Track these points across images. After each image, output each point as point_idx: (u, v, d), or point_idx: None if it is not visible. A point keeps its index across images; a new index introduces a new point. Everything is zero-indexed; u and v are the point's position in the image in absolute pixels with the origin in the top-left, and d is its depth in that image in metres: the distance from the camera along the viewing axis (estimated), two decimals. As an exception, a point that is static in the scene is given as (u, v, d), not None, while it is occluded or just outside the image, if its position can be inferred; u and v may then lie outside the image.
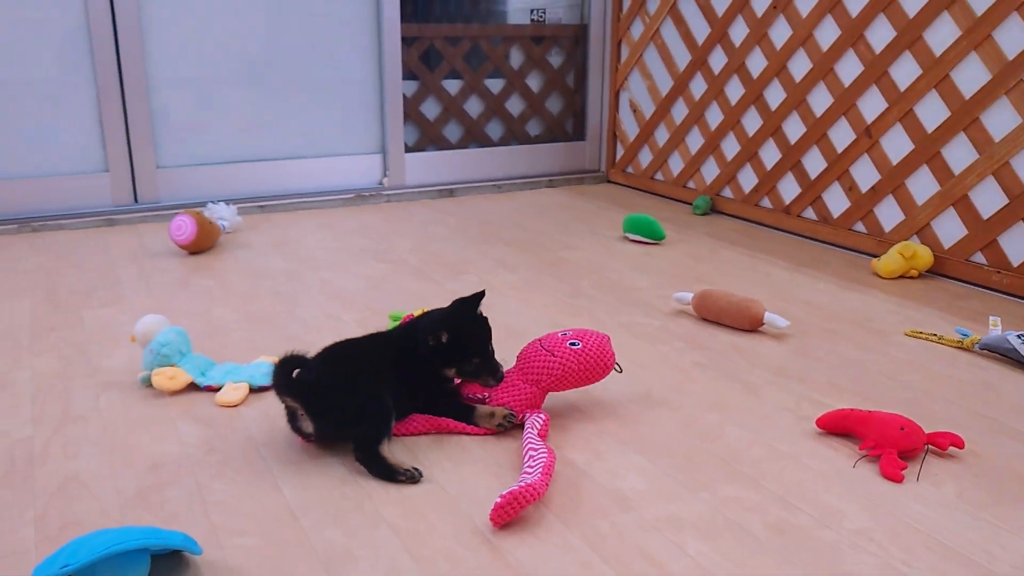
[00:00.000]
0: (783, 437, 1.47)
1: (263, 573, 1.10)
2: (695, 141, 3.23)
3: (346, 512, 1.24)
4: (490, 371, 1.51)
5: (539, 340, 1.55)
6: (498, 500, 1.20)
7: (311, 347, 1.43)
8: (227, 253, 2.61)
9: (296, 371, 1.36)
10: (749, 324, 1.95)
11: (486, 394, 1.52)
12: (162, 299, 2.16)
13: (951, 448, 1.42)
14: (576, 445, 1.44)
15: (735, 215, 3.09)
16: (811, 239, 2.79)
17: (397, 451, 1.41)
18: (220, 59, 3.08)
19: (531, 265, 2.48)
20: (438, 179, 3.47)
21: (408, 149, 3.41)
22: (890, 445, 1.38)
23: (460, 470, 1.36)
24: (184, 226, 2.53)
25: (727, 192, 3.13)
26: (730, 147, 3.08)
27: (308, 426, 1.38)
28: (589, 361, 1.52)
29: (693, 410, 1.57)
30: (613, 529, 1.20)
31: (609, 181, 3.74)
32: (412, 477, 1.34)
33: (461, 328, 1.48)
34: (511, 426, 1.47)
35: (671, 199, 3.38)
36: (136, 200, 3.01)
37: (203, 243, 2.58)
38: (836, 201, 2.71)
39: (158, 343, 1.63)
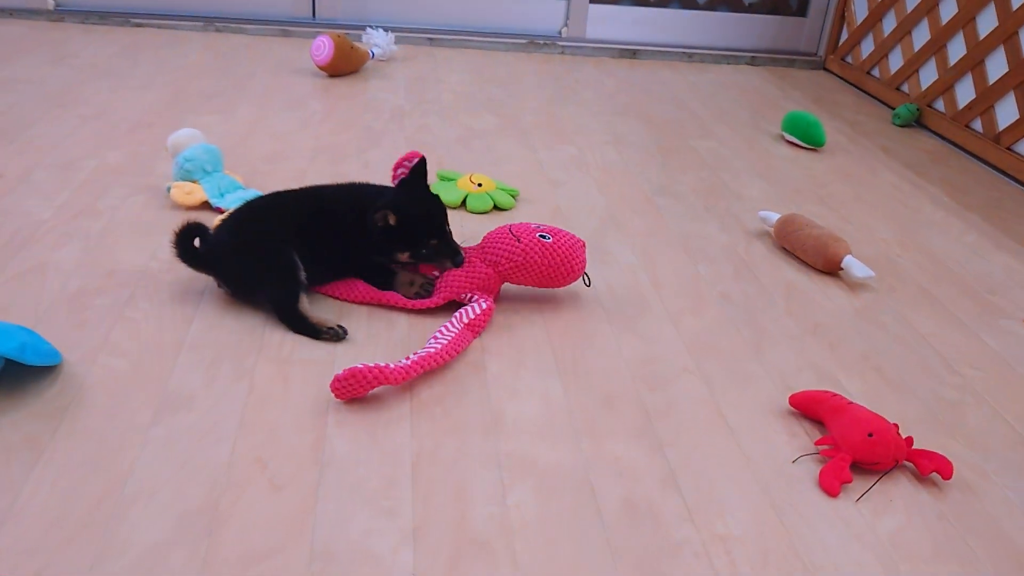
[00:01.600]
0: (742, 406, 1.24)
1: (101, 396, 1.13)
2: (921, 36, 2.68)
3: (224, 359, 1.23)
4: (448, 253, 1.39)
5: (509, 225, 1.41)
6: (339, 372, 1.13)
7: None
8: (360, 81, 2.61)
9: (196, 239, 1.34)
10: (824, 264, 1.63)
11: (436, 273, 1.42)
12: (262, 116, 2.22)
13: (933, 474, 1.12)
14: (500, 350, 1.31)
15: (938, 133, 2.56)
16: (1013, 180, 2.25)
17: (324, 310, 1.37)
18: None
19: (646, 150, 2.24)
20: (622, 37, 3.20)
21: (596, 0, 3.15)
22: (848, 450, 1.12)
23: (369, 344, 1.29)
24: (323, 47, 2.55)
25: (939, 104, 2.59)
26: (956, 50, 2.51)
27: (224, 287, 1.38)
28: (554, 259, 1.37)
29: (666, 350, 1.36)
30: (457, 453, 1.09)
31: (825, 69, 3.24)
32: (336, 335, 1.30)
33: (411, 208, 1.37)
34: (428, 295, 1.38)
35: (880, 102, 2.87)
36: (314, 15, 3.08)
37: (341, 66, 2.60)
38: (1058, 138, 2.15)
39: (183, 157, 1.68)
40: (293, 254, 1.33)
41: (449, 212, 1.72)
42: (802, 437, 1.18)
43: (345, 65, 2.61)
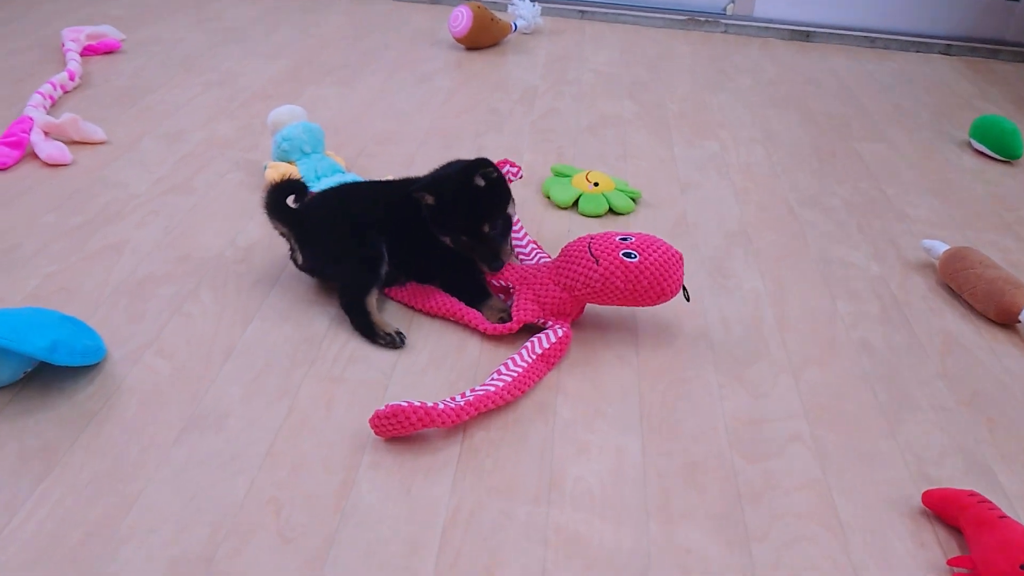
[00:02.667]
0: (861, 496, 1.01)
1: (133, 404, 1.05)
2: None
3: (272, 371, 1.13)
4: (484, 255, 1.24)
5: (591, 237, 1.23)
6: (381, 408, 1.00)
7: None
8: (497, 55, 2.46)
9: (291, 197, 1.27)
10: (997, 314, 1.34)
11: (508, 284, 1.26)
12: (384, 92, 2.11)
13: (1107, 631, 0.86)
14: (578, 390, 1.13)
15: None
16: None
17: (394, 316, 1.24)
18: None
19: (800, 150, 1.97)
20: (796, 17, 2.87)
21: (769, -27, 2.84)
22: (991, 580, 0.87)
23: (432, 367, 1.15)
24: (460, 17, 2.41)
25: None
26: None
27: (298, 256, 1.28)
28: (641, 282, 1.17)
29: (776, 409, 1.14)
30: (500, 518, 0.94)
31: (1037, 62, 2.79)
32: (392, 342, 1.19)
33: (447, 194, 1.23)
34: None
35: (1102, 105, 2.42)
36: (463, -18, 2.94)
37: (480, 39, 2.45)
38: None
39: (281, 136, 1.59)
40: (383, 246, 1.24)
41: (559, 213, 1.55)
42: (933, 549, 0.94)
43: (484, 37, 2.47)
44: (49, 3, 2.57)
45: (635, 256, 1.18)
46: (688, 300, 1.26)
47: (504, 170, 1.36)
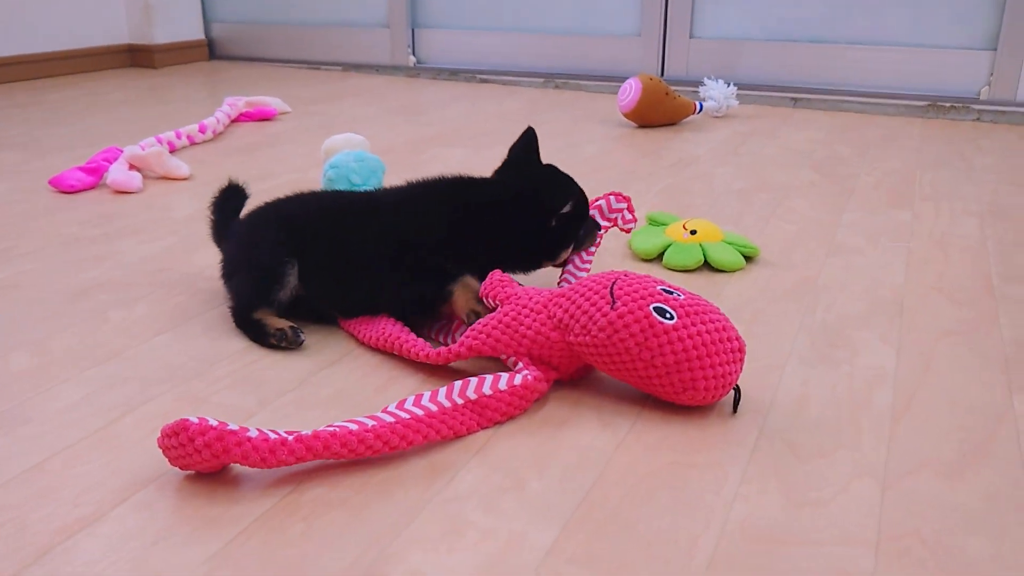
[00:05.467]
0: None
1: None
2: None
3: (128, 384, 0.87)
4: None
5: (625, 274, 0.84)
6: (169, 424, 0.69)
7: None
8: (668, 132, 2.13)
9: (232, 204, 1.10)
10: None
11: (498, 303, 0.91)
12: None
13: None
14: (498, 462, 0.74)
15: None
16: None
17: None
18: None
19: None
20: (1079, 99, 2.24)
21: (1042, 48, 2.26)
22: None
23: (336, 402, 0.83)
24: (628, 90, 2.14)
25: None
26: None
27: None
28: (667, 354, 0.80)
29: (829, 524, 0.66)
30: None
31: None
32: (284, 337, 0.94)
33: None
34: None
35: None
36: (663, 72, 2.69)
37: (650, 115, 2.16)
38: None
39: (329, 164, 1.40)
40: (287, 267, 0.97)
41: (639, 266, 1.20)
42: None
43: (656, 114, 2.16)
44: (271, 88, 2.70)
45: (672, 317, 0.79)
46: (735, 411, 0.82)
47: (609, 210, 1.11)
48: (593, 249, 1.08)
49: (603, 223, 1.10)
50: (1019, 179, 1.71)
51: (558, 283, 1.04)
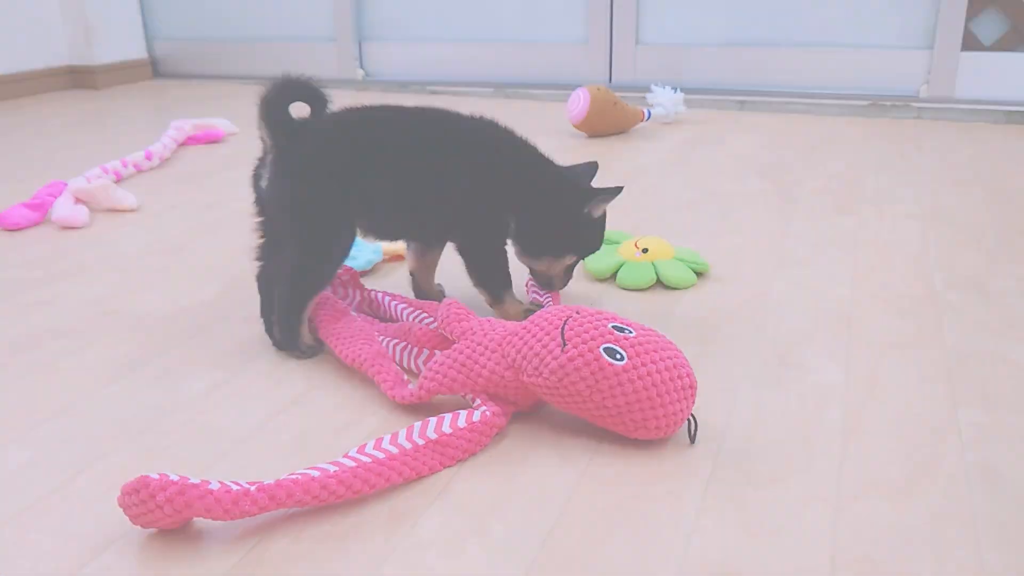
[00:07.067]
0: None
1: None
2: None
3: (80, 435, 0.86)
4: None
5: (577, 311, 0.85)
6: (129, 481, 0.69)
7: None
8: (617, 141, 2.16)
9: (296, 103, 0.98)
10: None
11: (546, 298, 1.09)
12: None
13: None
14: (463, 499, 0.75)
15: None
16: None
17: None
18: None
19: (971, 229, 1.45)
20: (1010, 95, 2.31)
21: (974, 47, 2.33)
22: None
23: (298, 449, 0.83)
24: (577, 100, 2.16)
25: None
26: None
27: (264, 178, 0.98)
28: (618, 396, 0.81)
29: (786, 554, 0.68)
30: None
31: None
32: (310, 353, 1.01)
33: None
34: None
35: None
36: (611, 80, 2.71)
37: (599, 124, 2.18)
38: None
39: (280, 192, 1.39)
40: (346, 235, 0.99)
41: (592, 287, 1.22)
42: None
43: (605, 123, 2.19)
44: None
45: (622, 358, 0.80)
46: (692, 442, 0.83)
47: None
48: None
49: None
50: (958, 178, 1.76)
51: (525, 286, 1.15)
